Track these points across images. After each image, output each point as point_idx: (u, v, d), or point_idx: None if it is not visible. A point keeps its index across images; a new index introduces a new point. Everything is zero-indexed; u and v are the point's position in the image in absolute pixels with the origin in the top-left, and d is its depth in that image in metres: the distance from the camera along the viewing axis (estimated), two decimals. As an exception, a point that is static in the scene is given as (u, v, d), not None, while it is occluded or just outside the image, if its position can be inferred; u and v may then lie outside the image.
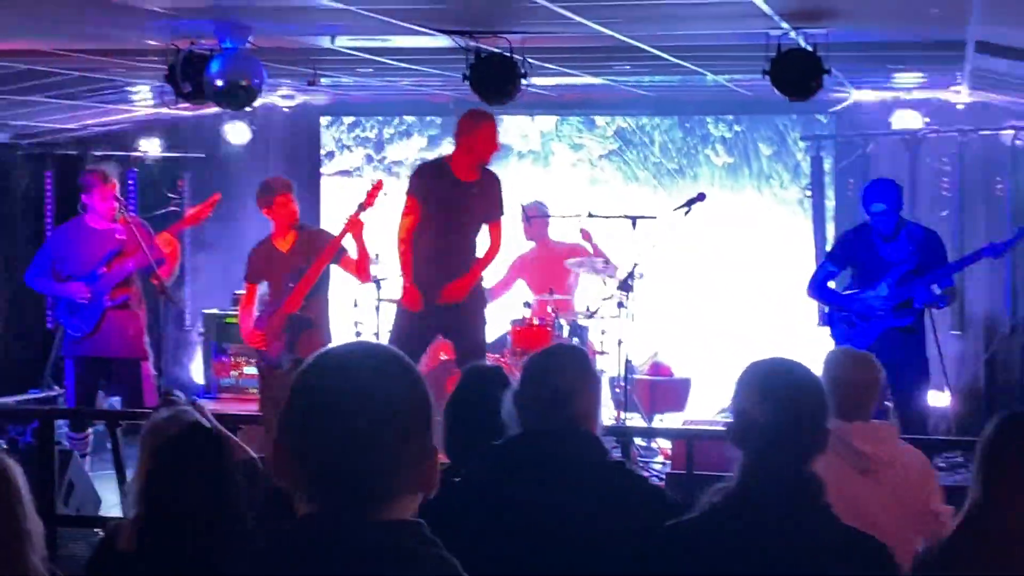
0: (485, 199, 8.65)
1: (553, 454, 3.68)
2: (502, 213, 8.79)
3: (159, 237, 9.02)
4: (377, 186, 9.19)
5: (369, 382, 2.08)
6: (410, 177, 9.05)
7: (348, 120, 13.34)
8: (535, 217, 11.21)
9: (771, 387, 3.30)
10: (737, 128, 12.70)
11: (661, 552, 3.36)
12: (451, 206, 8.60)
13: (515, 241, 11.59)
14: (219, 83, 7.19)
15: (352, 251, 8.93)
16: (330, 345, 2.21)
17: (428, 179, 8.75)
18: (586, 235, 11.13)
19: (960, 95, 10.92)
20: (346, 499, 2.06)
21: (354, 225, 8.85)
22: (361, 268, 8.98)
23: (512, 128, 13.02)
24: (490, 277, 11.56)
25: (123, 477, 7.51)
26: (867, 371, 5.11)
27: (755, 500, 3.24)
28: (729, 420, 3.43)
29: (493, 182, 8.72)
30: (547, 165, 13.08)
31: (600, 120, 13.00)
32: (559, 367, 3.82)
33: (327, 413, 2.06)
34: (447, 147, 12.99)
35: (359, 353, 2.16)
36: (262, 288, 9.04)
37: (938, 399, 10.16)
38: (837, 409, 5.05)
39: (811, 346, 10.21)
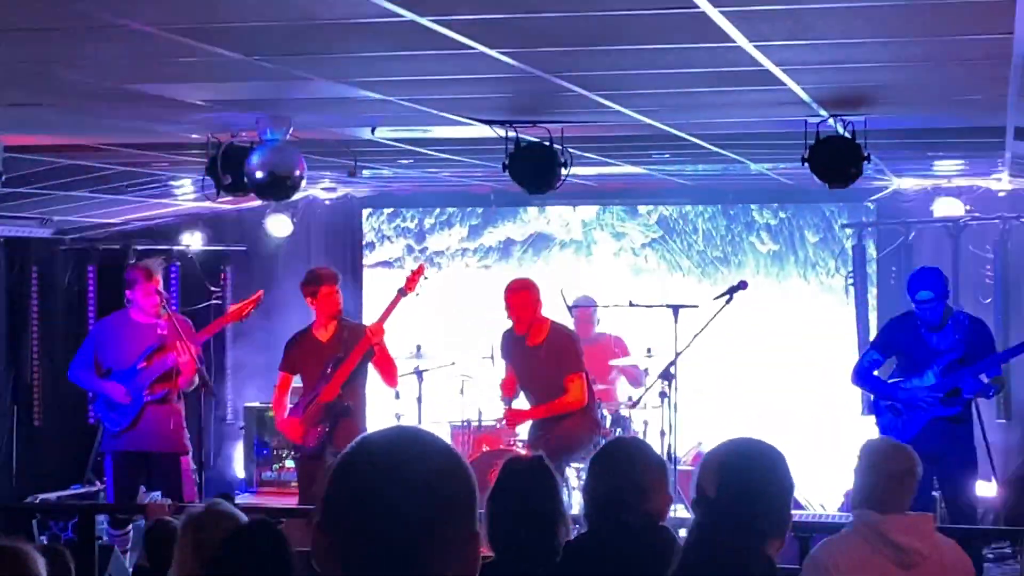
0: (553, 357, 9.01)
1: (627, 549, 3.62)
2: (575, 368, 8.97)
3: (201, 334, 9.05)
4: (419, 271, 9.22)
5: (414, 468, 2.04)
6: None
7: (388, 210, 13.41)
8: (578, 308, 11.21)
9: (730, 464, 3.25)
10: (783, 215, 12.66)
11: None
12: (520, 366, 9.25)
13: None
14: (259, 175, 7.21)
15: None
16: (369, 431, 2.18)
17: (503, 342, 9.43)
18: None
19: (1001, 182, 10.89)
20: None
21: (376, 333, 8.85)
22: (386, 372, 8.96)
23: (554, 218, 13.05)
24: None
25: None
26: (903, 461, 5.02)
27: (701, 565, 3.16)
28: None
29: (561, 338, 9.03)
30: (589, 254, 13.08)
31: (643, 208, 13.00)
32: (625, 459, 3.78)
33: (372, 500, 2.02)
34: (487, 236, 13.11)
35: (402, 438, 2.12)
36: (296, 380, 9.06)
37: (985, 489, 10.01)
38: (873, 500, 4.99)
39: (854, 435, 10.13)
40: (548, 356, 8.95)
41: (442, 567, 2.05)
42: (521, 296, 9.05)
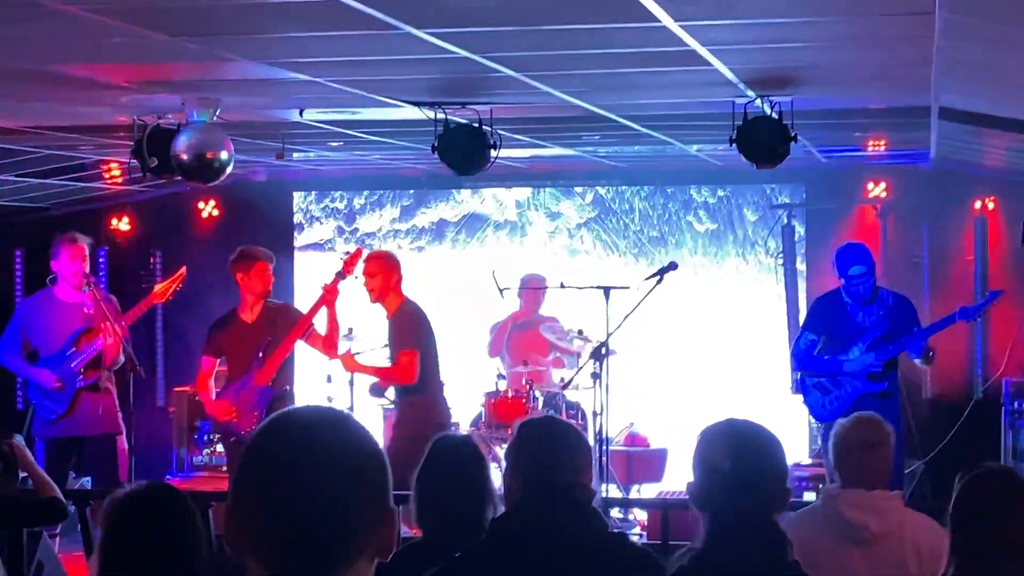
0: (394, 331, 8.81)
1: (557, 527, 3.63)
2: (408, 346, 8.71)
3: (128, 315, 8.96)
4: (356, 253, 9.19)
5: (325, 444, 2.04)
6: None
7: (317, 192, 13.33)
8: (529, 289, 11.25)
9: (739, 439, 3.28)
10: (721, 193, 12.62)
11: None
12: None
13: (493, 313, 11.60)
14: (186, 157, 7.16)
15: (321, 326, 8.89)
16: (283, 410, 2.17)
17: None
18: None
19: (928, 162, 11.00)
20: (300, 564, 2.00)
21: (330, 293, 8.82)
22: (329, 343, 8.93)
23: (488, 198, 13.03)
24: (480, 347, 11.60)
25: (90, 553, 7.43)
26: (861, 432, 4.88)
27: (725, 554, 3.19)
28: (690, 483, 3.39)
29: (403, 315, 8.82)
30: (524, 235, 13.05)
31: (578, 188, 12.98)
32: (559, 437, 3.79)
33: (282, 475, 2.02)
34: (420, 217, 13.08)
35: (315, 416, 2.11)
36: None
37: (910, 467, 10.14)
38: (838, 474, 4.93)
39: (786, 415, 10.22)
40: (392, 329, 8.84)
41: (356, 546, 2.04)
42: (371, 264, 8.84)
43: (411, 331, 8.69)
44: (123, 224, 12.68)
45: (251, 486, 2.05)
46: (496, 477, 4.45)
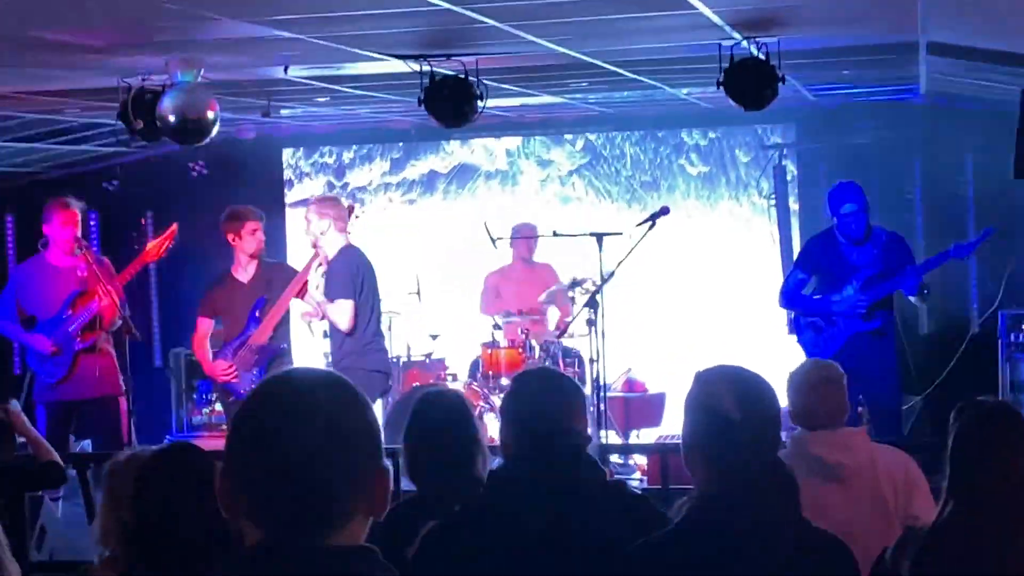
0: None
1: (551, 478, 3.63)
2: (341, 295, 8.57)
3: (122, 275, 8.94)
4: (348, 209, 9.17)
5: (315, 404, 2.06)
6: None
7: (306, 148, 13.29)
8: (521, 238, 11.20)
9: (743, 386, 3.27)
10: (712, 135, 12.57)
11: (643, 568, 3.31)
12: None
13: (488, 263, 11.58)
14: (171, 118, 7.14)
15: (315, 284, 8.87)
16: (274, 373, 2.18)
17: None
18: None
19: (918, 98, 10.97)
20: (295, 524, 2.03)
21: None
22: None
23: (478, 148, 12.99)
24: (474, 297, 11.56)
25: (92, 518, 7.44)
26: (819, 372, 5.09)
27: (738, 501, 3.19)
28: (686, 433, 3.37)
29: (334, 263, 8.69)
30: (515, 184, 13.01)
31: (568, 134, 12.93)
32: (554, 389, 3.79)
33: (272, 436, 2.05)
34: (410, 170, 13.04)
35: (305, 378, 2.14)
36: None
37: (908, 403, 10.16)
38: (801, 419, 5.05)
39: (782, 355, 10.22)
40: (329, 274, 8.66)
41: (349, 505, 2.07)
42: (313, 209, 8.70)
43: (348, 279, 8.55)
44: (114, 186, 12.64)
45: (243, 449, 2.08)
46: (494, 427, 4.46)
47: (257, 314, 8.67)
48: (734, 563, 3.15)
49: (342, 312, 8.46)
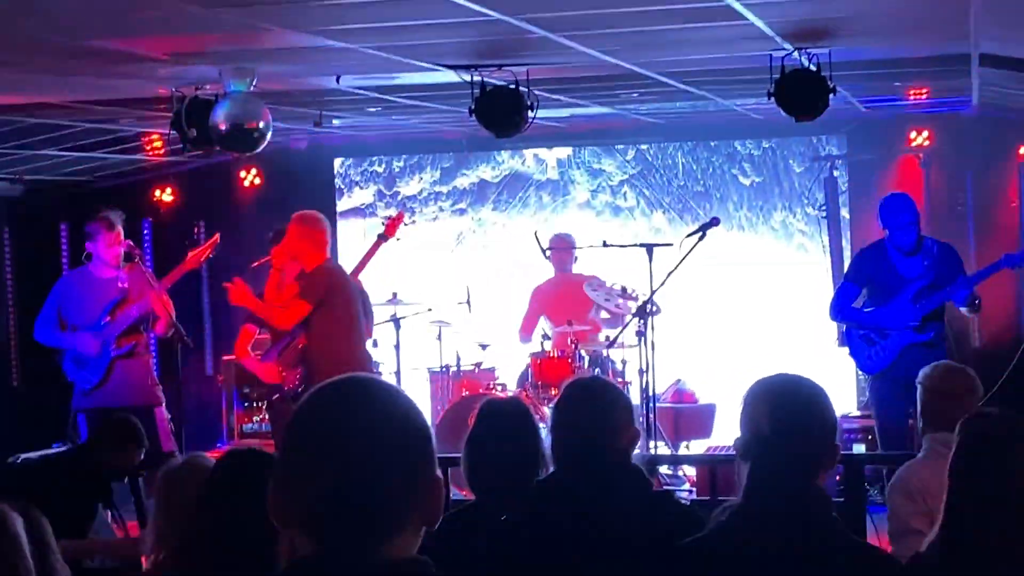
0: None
1: (598, 490, 3.64)
2: (302, 296, 8.46)
3: (162, 283, 8.97)
4: (399, 217, 9.23)
5: (366, 413, 2.05)
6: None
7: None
8: (554, 249, 11.19)
9: (780, 401, 3.26)
10: (766, 145, 12.48)
11: (672, 570, 3.32)
12: None
13: (539, 272, 11.60)
14: (224, 127, 7.19)
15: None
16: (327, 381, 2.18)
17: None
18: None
19: (970, 110, 10.90)
20: (348, 535, 2.02)
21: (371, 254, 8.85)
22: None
23: (529, 158, 13.00)
24: (514, 315, 11.56)
25: (144, 523, 7.48)
26: (960, 379, 5.10)
27: (762, 514, 3.19)
28: (737, 437, 3.38)
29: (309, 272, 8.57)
30: (567, 194, 12.98)
31: (619, 144, 12.88)
32: (593, 399, 3.79)
33: (325, 446, 2.03)
34: (460, 179, 13.07)
35: (355, 385, 2.12)
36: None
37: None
38: (940, 422, 4.97)
39: (832, 367, 10.18)
40: (302, 279, 8.55)
41: (403, 515, 2.06)
42: (288, 229, 8.65)
43: (319, 288, 8.45)
44: (166, 195, 12.74)
45: (298, 457, 2.06)
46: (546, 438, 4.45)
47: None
48: (760, 574, 3.15)
49: (293, 311, 8.44)
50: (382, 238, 9.37)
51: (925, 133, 11.47)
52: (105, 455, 6.90)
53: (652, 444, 9.86)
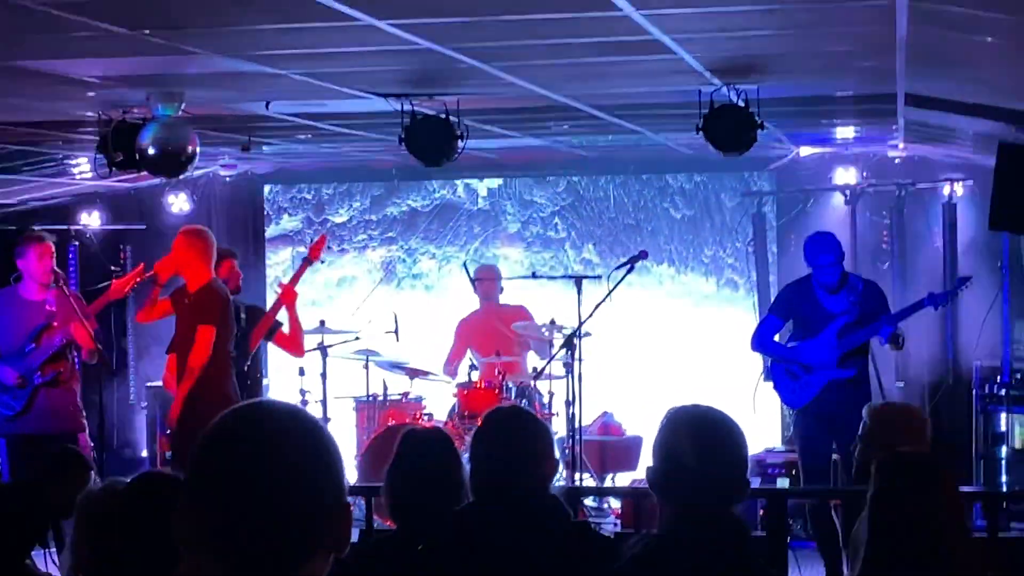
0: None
1: (517, 520, 3.63)
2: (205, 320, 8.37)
3: (88, 310, 8.89)
4: (321, 239, 9.22)
5: (271, 438, 2.03)
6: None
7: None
8: (481, 280, 11.21)
9: (702, 430, 3.27)
10: (698, 179, 12.56)
11: None
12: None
13: (464, 306, 11.61)
14: (151, 151, 7.15)
15: (286, 326, 8.91)
16: (236, 405, 2.16)
17: None
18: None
19: (897, 149, 11.03)
20: (256, 560, 2.00)
21: (287, 295, 8.85)
22: (294, 342, 8.96)
23: (460, 188, 12.99)
24: (439, 348, 11.56)
25: (61, 549, 7.39)
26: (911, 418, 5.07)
27: (681, 544, 3.19)
28: (649, 467, 3.38)
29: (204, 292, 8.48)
30: (498, 225, 12.98)
31: (551, 176, 12.90)
32: (512, 428, 3.79)
33: (228, 472, 2.02)
34: (391, 207, 13.04)
35: (262, 411, 2.11)
36: None
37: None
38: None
39: (759, 401, 10.23)
40: (193, 303, 8.46)
41: (311, 540, 2.04)
42: (175, 242, 8.55)
43: (215, 308, 8.39)
44: (93, 219, 12.62)
45: (203, 482, 2.05)
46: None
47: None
48: None
49: (204, 340, 8.35)
50: (307, 261, 9.36)
51: (852, 170, 11.58)
52: (55, 489, 6.71)
53: (577, 476, 9.87)
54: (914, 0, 4.75)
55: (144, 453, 12.41)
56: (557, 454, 4.00)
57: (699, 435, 3.25)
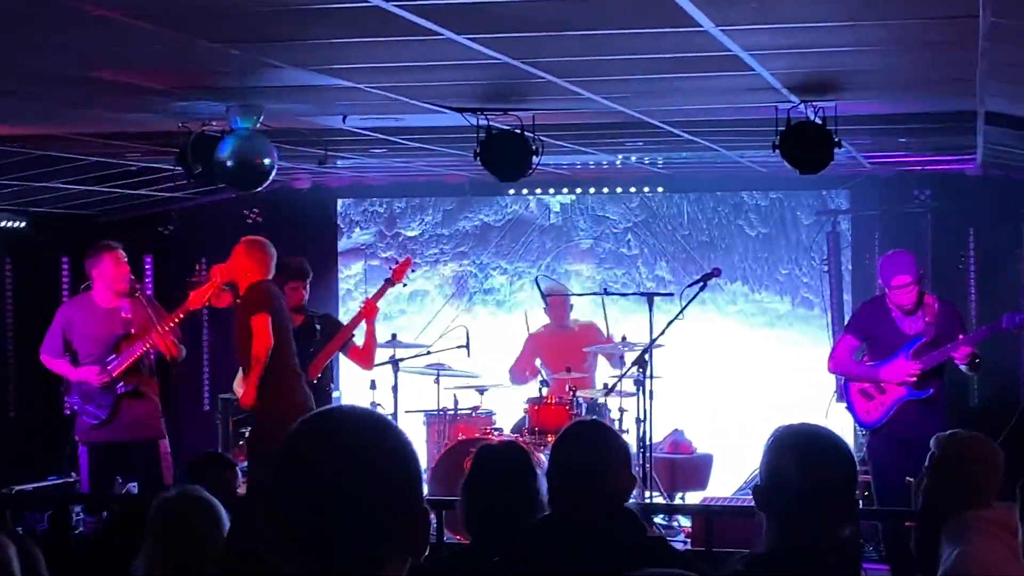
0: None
1: (593, 533, 3.62)
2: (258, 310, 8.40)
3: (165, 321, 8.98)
4: (406, 262, 9.27)
5: (352, 443, 2.06)
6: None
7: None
8: (551, 306, 11.26)
9: (807, 450, 3.24)
10: (773, 196, 12.45)
11: None
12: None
13: (536, 320, 11.62)
14: (229, 164, 7.20)
15: (360, 339, 8.97)
16: (316, 410, 2.19)
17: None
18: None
19: (975, 167, 10.92)
20: (336, 562, 2.03)
21: (370, 311, 8.91)
22: (367, 356, 9.02)
23: (532, 203, 12.99)
24: (506, 358, 11.58)
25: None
26: (989, 448, 4.75)
27: (786, 565, 3.16)
28: (756, 485, 3.36)
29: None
30: (569, 240, 12.97)
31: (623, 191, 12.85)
32: (591, 442, 3.79)
33: (311, 476, 2.04)
34: (463, 222, 13.07)
35: (343, 416, 2.14)
36: None
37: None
38: (974, 495, 4.77)
39: (832, 421, 10.15)
40: (242, 305, 8.54)
41: (388, 545, 2.06)
42: (235, 250, 8.68)
43: (261, 299, 8.42)
44: (171, 230, 12.74)
45: (286, 486, 2.07)
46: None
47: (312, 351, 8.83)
48: None
49: (260, 328, 8.40)
50: (389, 282, 9.45)
51: (928, 191, 11.48)
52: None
53: (647, 494, 9.82)
54: (996, 18, 4.70)
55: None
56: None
57: (804, 453, 3.23)
